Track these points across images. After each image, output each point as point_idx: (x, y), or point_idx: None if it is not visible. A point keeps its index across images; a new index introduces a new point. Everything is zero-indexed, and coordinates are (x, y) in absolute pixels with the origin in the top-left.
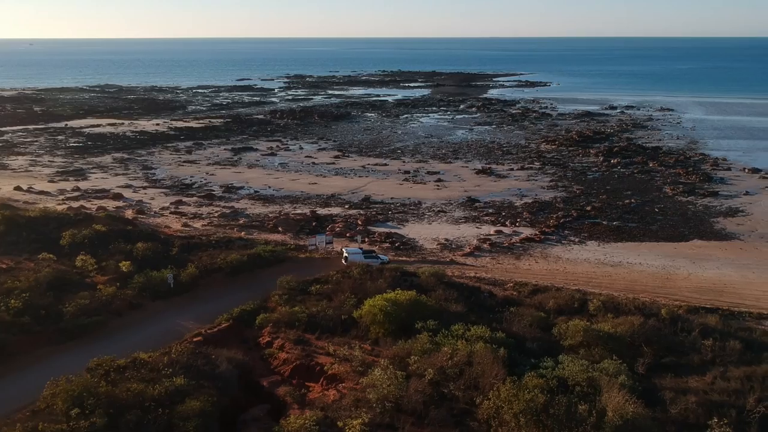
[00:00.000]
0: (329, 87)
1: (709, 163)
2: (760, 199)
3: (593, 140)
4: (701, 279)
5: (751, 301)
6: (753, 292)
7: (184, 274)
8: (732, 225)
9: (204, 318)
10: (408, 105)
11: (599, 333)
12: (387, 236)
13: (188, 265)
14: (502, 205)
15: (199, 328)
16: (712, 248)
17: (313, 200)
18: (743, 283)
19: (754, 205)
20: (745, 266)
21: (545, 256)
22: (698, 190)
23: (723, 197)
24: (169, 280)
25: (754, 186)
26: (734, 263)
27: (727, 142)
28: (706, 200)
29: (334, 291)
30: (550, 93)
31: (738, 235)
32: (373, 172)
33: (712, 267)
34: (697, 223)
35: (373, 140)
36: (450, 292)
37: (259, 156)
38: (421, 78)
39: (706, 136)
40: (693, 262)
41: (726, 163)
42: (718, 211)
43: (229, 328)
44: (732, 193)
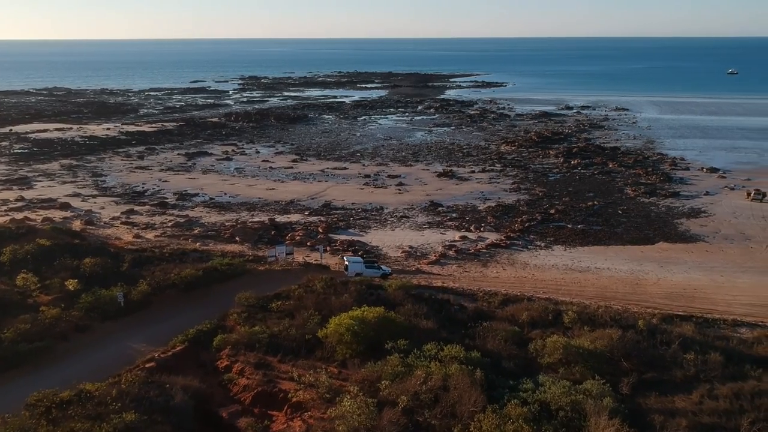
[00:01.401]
0: (285, 88)
1: (668, 162)
2: (720, 200)
3: (552, 141)
4: (671, 284)
5: (723, 307)
6: (724, 296)
7: (135, 291)
8: (696, 226)
9: (157, 340)
10: (366, 106)
11: (579, 350)
12: (349, 244)
13: (140, 282)
14: (466, 209)
15: (152, 352)
16: (679, 251)
17: (272, 207)
18: (713, 287)
19: (716, 206)
20: (712, 269)
21: (512, 263)
22: (659, 190)
23: (684, 198)
24: (120, 299)
25: (714, 186)
26: (702, 266)
27: (684, 141)
28: (667, 201)
29: (296, 308)
30: (507, 93)
31: (703, 236)
32: (332, 176)
33: (680, 271)
34: (661, 225)
35: (331, 143)
36: (419, 307)
37: (214, 161)
38: (378, 79)
39: (662, 136)
40: (661, 266)
41: (684, 163)
42: (681, 212)
43: (184, 352)
44: (693, 193)
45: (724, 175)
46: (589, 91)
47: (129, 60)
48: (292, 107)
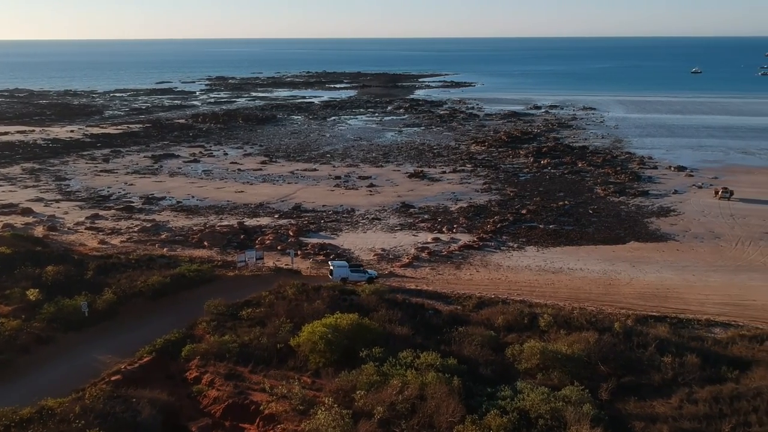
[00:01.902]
0: (253, 89)
1: (636, 161)
2: (689, 198)
3: (522, 141)
4: (643, 284)
5: (695, 306)
6: (696, 296)
7: (100, 300)
8: (666, 225)
9: (123, 350)
10: (335, 107)
11: (557, 355)
12: (321, 248)
13: (105, 290)
14: (438, 211)
15: (118, 364)
16: (650, 250)
17: (240, 210)
18: (685, 286)
19: (685, 204)
20: (684, 268)
21: (485, 264)
22: (628, 189)
23: (653, 196)
24: (84, 309)
25: (682, 184)
26: (673, 266)
27: (651, 140)
28: (637, 200)
29: (267, 315)
30: (476, 93)
31: (673, 235)
32: (302, 178)
33: (653, 270)
34: (631, 224)
35: (300, 144)
36: (394, 312)
37: (181, 163)
38: (347, 79)
39: (629, 135)
40: (633, 266)
41: (652, 162)
42: (651, 211)
43: (151, 363)
44: (661, 192)
45: (692, 173)
46: (557, 91)
47: (94, 60)
48: (260, 108)
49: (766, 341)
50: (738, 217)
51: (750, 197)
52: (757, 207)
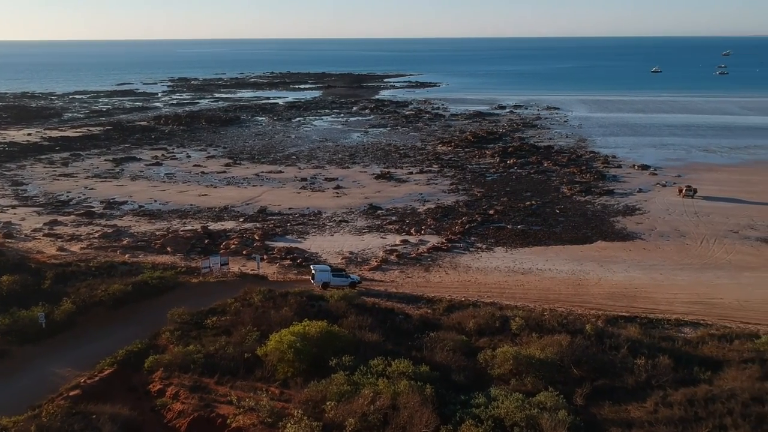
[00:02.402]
0: (216, 90)
1: (600, 160)
2: (653, 196)
3: (487, 141)
4: (612, 284)
5: (664, 306)
6: (664, 295)
7: (58, 311)
8: (632, 224)
9: (83, 363)
10: (300, 107)
11: (530, 360)
12: (287, 252)
13: (63, 300)
14: (405, 212)
15: (78, 377)
16: (617, 249)
17: (204, 214)
18: (653, 286)
19: (649, 203)
20: (651, 267)
21: (455, 266)
22: (594, 188)
23: (618, 195)
24: (41, 320)
25: (646, 183)
26: (641, 265)
27: (614, 139)
28: (602, 199)
29: (233, 323)
30: (441, 93)
31: (639, 234)
32: (267, 180)
33: (620, 270)
34: (598, 224)
35: (265, 146)
36: (363, 318)
37: (143, 166)
38: (311, 79)
39: (593, 134)
40: (601, 265)
41: (616, 161)
42: (616, 210)
43: (113, 376)
44: (626, 190)
45: (655, 172)
46: (521, 91)
47: (52, 62)
48: (223, 109)
49: (735, 340)
50: (702, 215)
51: (713, 195)
52: (720, 205)
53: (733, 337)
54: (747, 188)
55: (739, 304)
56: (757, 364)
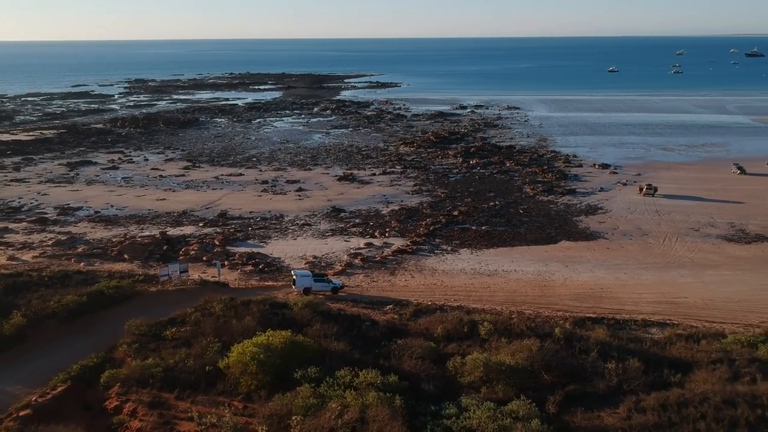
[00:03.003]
0: (174, 91)
1: (561, 160)
2: (615, 195)
3: (450, 141)
4: (578, 284)
5: (630, 306)
6: (630, 295)
7: (7, 325)
8: (595, 223)
9: (34, 380)
10: (260, 109)
11: (501, 367)
12: (249, 257)
13: (13, 313)
14: (369, 214)
15: (29, 396)
16: (581, 249)
17: (163, 219)
18: (618, 285)
19: (611, 202)
20: (616, 267)
21: (420, 269)
22: (556, 188)
23: (581, 195)
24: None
25: (607, 182)
26: (605, 264)
27: (574, 138)
28: (565, 199)
29: (193, 334)
30: (402, 94)
31: (602, 233)
32: (227, 183)
33: (585, 270)
34: (561, 223)
35: (225, 148)
36: (329, 326)
37: (99, 170)
38: (271, 80)
39: (553, 133)
40: (566, 266)
41: (577, 160)
42: (579, 209)
43: (66, 393)
44: (588, 190)
45: (616, 170)
46: (481, 91)
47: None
48: (182, 111)
49: (702, 340)
50: (663, 213)
51: (673, 193)
52: (680, 203)
53: (700, 337)
54: (705, 186)
55: (704, 303)
56: (725, 365)
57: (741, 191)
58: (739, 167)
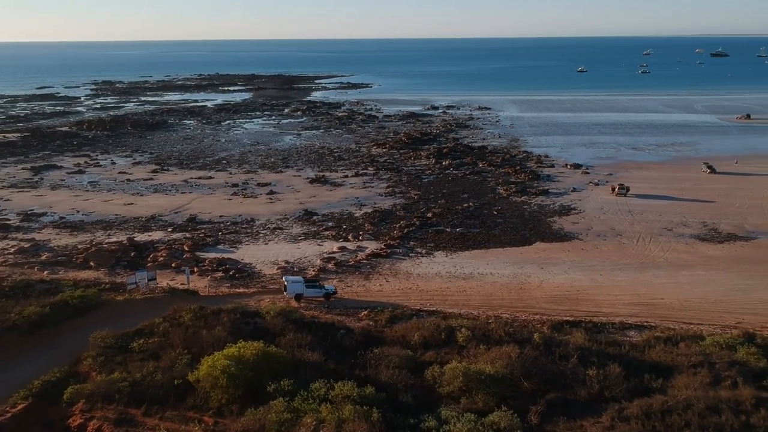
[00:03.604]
0: (142, 93)
1: (534, 160)
2: (587, 195)
3: (422, 142)
4: (554, 287)
5: (607, 308)
6: (606, 297)
7: None
8: (568, 224)
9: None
10: (229, 110)
11: (480, 376)
12: (219, 263)
13: None
14: (342, 217)
15: None
16: (556, 250)
17: (131, 224)
18: (594, 287)
19: (584, 202)
20: (591, 268)
21: (395, 273)
22: (529, 189)
23: (554, 195)
24: None
25: (579, 182)
26: (580, 266)
27: (545, 138)
28: (538, 199)
29: (161, 346)
30: (373, 94)
31: (576, 234)
32: (197, 186)
33: (561, 272)
34: (535, 225)
35: (194, 150)
36: (302, 336)
37: (64, 175)
38: (241, 81)
39: (525, 134)
40: (541, 268)
41: (549, 160)
42: (553, 210)
43: (27, 410)
44: (561, 190)
45: (587, 170)
46: (452, 91)
47: None
48: (150, 113)
49: (681, 343)
50: (636, 213)
51: (644, 193)
52: (652, 202)
53: (678, 340)
54: (676, 185)
55: (680, 304)
56: (706, 369)
57: (711, 190)
58: (709, 166)
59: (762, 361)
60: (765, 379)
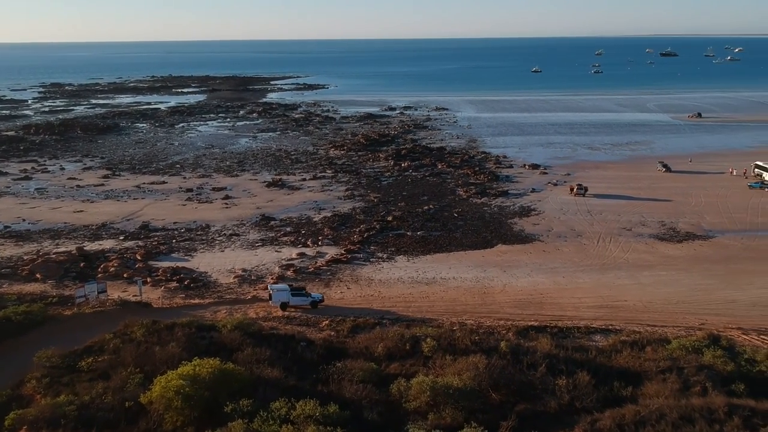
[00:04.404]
0: (92, 96)
1: (492, 161)
2: (546, 196)
3: (380, 143)
4: (517, 290)
5: (571, 312)
6: (570, 300)
7: None
8: (529, 225)
9: None
10: (183, 113)
11: (448, 390)
12: (173, 272)
13: None
14: (300, 222)
15: None
16: (518, 252)
17: (80, 233)
18: (557, 290)
19: (543, 203)
20: (553, 270)
21: (356, 280)
22: (489, 190)
23: (513, 196)
24: None
25: (538, 182)
26: (542, 268)
27: (503, 138)
28: (498, 200)
29: (112, 365)
30: (330, 96)
31: (537, 235)
32: (150, 192)
33: (523, 274)
34: (496, 226)
35: (147, 154)
36: (261, 350)
37: (9, 181)
38: (195, 83)
39: (482, 134)
40: (504, 271)
41: (507, 161)
42: (513, 211)
43: None
44: (520, 191)
45: (545, 171)
46: (410, 92)
47: None
48: (101, 116)
49: (647, 347)
50: (595, 213)
51: (602, 192)
52: (610, 202)
53: (645, 344)
54: (633, 184)
55: (644, 306)
56: (674, 375)
57: (668, 189)
58: (664, 165)
59: (729, 365)
60: (733, 383)
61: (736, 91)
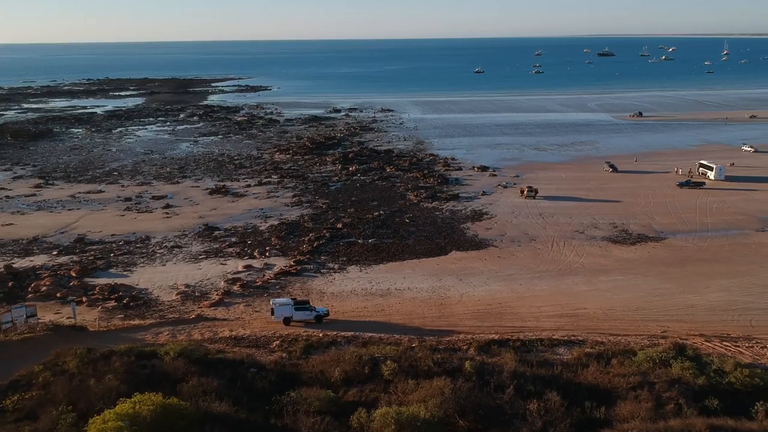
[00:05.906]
0: (24, 100)
1: (441, 163)
2: (497, 199)
3: (326, 146)
4: (475, 300)
5: (532, 322)
6: (529, 309)
7: None
8: (482, 230)
9: None
10: (121, 117)
11: (414, 421)
12: (111, 290)
13: None
14: (246, 231)
15: None
16: (473, 259)
17: (9, 248)
18: (516, 299)
19: (495, 206)
20: (510, 278)
21: (307, 293)
22: (439, 194)
23: (464, 199)
24: None
25: (488, 185)
26: (498, 275)
27: (450, 140)
28: (449, 204)
29: (41, 402)
30: (273, 97)
31: (491, 240)
32: (86, 202)
33: (480, 283)
34: (449, 232)
35: (83, 161)
36: (208, 381)
37: None
38: (133, 86)
39: (429, 136)
40: (460, 280)
41: (456, 163)
42: (465, 215)
43: None
44: (471, 194)
45: (495, 173)
46: (354, 93)
47: None
48: (33, 121)
49: (612, 359)
50: (546, 216)
51: (552, 194)
52: (561, 204)
53: (610, 356)
54: (582, 185)
55: (604, 314)
56: (646, 391)
57: (616, 189)
58: (610, 165)
59: (700, 378)
60: (706, 398)
61: (673, 90)
